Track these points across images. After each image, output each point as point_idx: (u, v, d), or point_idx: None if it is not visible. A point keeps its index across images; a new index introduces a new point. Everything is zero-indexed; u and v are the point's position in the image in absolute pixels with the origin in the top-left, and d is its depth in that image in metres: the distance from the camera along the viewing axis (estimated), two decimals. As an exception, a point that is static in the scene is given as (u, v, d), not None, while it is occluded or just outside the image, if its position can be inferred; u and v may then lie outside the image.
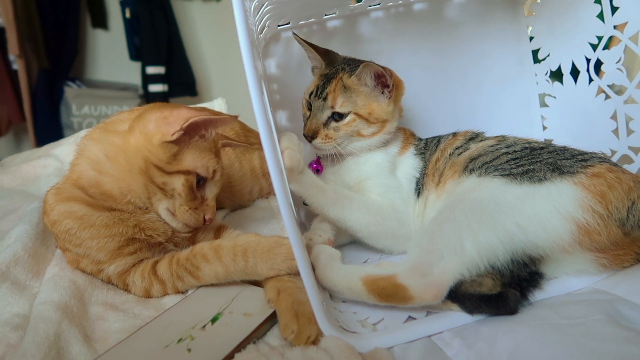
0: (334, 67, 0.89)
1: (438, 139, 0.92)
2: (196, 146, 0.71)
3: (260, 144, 1.24)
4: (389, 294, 0.61)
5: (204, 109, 0.72)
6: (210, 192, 0.75)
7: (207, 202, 0.74)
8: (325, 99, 0.85)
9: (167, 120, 0.68)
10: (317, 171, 0.90)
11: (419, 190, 0.87)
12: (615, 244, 0.63)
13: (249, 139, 1.14)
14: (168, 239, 0.75)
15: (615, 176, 0.64)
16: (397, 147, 0.91)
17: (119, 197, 0.70)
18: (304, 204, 0.83)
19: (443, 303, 0.61)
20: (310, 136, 0.86)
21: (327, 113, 0.86)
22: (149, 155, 0.67)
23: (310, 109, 0.88)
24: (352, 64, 0.89)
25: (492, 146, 0.80)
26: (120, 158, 0.69)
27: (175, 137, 0.67)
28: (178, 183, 0.69)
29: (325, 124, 0.86)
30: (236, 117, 0.73)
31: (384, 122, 0.87)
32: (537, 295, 0.63)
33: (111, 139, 0.70)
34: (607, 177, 0.64)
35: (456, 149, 0.85)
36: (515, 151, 0.75)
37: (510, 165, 0.71)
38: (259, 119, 0.51)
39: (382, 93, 0.86)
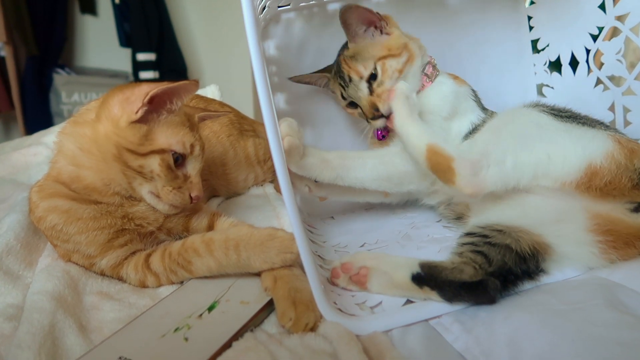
0: (334, 70, 0.90)
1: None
2: (167, 122, 0.69)
3: (254, 131, 1.23)
4: (439, 170, 0.68)
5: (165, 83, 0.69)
6: (193, 168, 0.72)
7: (190, 179, 0.72)
8: (351, 80, 0.85)
9: (130, 100, 0.66)
10: (383, 137, 0.89)
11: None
12: (611, 190, 0.65)
13: (243, 126, 1.13)
14: (160, 226, 0.74)
15: None
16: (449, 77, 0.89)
17: (103, 190, 0.68)
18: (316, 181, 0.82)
19: (422, 291, 0.61)
20: (376, 113, 0.83)
21: (364, 85, 0.84)
22: (119, 140, 0.65)
23: (355, 106, 0.88)
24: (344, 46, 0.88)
25: None
26: (92, 149, 0.67)
27: (139, 114, 0.65)
28: (154, 164, 0.67)
29: (371, 94, 0.84)
30: (196, 81, 0.70)
31: (406, 47, 0.84)
32: (526, 286, 0.63)
33: (81, 130, 0.68)
34: None
35: None
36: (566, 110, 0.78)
37: (555, 111, 0.74)
38: (263, 99, 0.50)
39: (381, 34, 0.85)
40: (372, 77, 0.84)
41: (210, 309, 0.62)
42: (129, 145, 0.65)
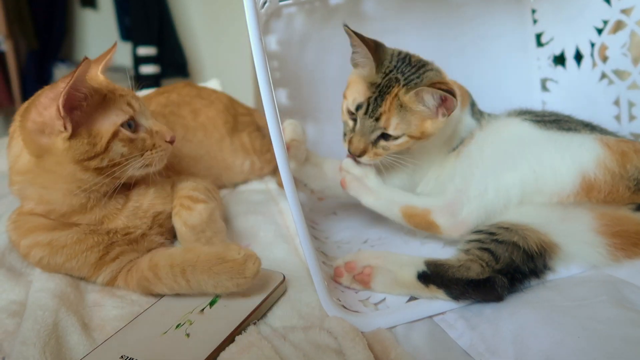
0: (385, 74, 0.72)
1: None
2: (95, 106, 0.63)
3: (250, 115, 1.22)
4: (422, 227, 0.70)
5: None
6: (146, 119, 0.70)
7: (154, 130, 0.70)
8: (377, 119, 0.71)
9: (48, 125, 0.60)
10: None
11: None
12: (612, 200, 0.63)
13: (238, 110, 1.14)
14: (150, 226, 0.72)
15: None
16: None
17: (80, 208, 0.66)
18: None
19: (429, 290, 0.61)
20: (357, 157, 0.76)
21: (378, 133, 0.73)
22: (73, 156, 0.61)
23: (354, 120, 0.75)
24: (406, 72, 0.71)
25: None
26: (52, 176, 0.63)
27: (69, 129, 0.60)
28: (118, 149, 0.64)
29: (374, 143, 0.74)
30: (85, 58, 0.60)
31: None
32: (533, 283, 0.62)
33: (41, 165, 0.64)
34: (636, 145, 0.66)
35: None
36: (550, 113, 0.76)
37: (538, 117, 0.71)
38: (265, 95, 0.50)
39: (441, 114, 0.71)
40: (389, 135, 0.72)
41: (212, 303, 0.62)
42: (85, 155, 0.62)
